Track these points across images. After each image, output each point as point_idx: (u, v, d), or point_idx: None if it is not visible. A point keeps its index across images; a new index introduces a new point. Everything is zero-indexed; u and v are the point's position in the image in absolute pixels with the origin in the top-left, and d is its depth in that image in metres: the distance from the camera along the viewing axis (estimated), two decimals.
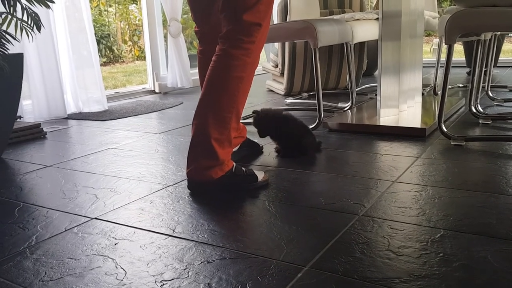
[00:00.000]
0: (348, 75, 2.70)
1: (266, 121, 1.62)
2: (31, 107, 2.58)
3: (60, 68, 2.63)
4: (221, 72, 1.29)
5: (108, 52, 5.89)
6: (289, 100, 2.78)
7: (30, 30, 1.74)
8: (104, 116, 2.63)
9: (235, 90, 1.29)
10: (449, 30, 1.64)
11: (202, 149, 1.29)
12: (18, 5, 1.63)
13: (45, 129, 2.27)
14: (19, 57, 1.78)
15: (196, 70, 1.61)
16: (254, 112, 1.66)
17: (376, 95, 2.64)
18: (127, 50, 6.26)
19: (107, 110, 2.79)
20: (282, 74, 3.08)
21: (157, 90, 3.49)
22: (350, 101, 2.35)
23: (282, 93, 3.07)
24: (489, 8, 1.61)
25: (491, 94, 2.46)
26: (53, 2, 1.75)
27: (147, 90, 3.51)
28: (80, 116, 2.66)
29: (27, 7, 1.60)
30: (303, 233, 1.03)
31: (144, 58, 6.32)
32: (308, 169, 1.51)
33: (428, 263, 0.87)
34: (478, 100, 2.10)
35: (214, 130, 1.28)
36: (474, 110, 2.05)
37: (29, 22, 1.62)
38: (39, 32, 1.67)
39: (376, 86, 3.02)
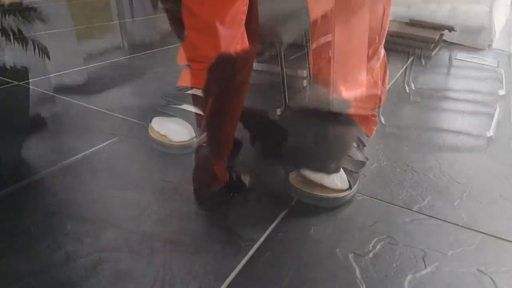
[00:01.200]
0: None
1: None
2: None
3: None
4: (216, 114, 1.66)
5: None
6: (254, 68, 3.11)
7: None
8: (87, 90, 2.87)
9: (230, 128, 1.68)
10: None
11: (205, 173, 1.72)
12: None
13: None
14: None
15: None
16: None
17: None
18: None
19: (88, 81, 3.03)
20: None
21: (126, 46, 3.71)
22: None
23: None
24: None
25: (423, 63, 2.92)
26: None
27: (115, 46, 3.73)
28: (65, 91, 2.89)
29: (37, 42, 1.82)
30: None
31: None
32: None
33: None
34: (411, 78, 2.56)
35: (213, 158, 1.70)
36: (407, 89, 2.52)
37: (40, 55, 1.85)
38: (49, 60, 1.91)
39: None
